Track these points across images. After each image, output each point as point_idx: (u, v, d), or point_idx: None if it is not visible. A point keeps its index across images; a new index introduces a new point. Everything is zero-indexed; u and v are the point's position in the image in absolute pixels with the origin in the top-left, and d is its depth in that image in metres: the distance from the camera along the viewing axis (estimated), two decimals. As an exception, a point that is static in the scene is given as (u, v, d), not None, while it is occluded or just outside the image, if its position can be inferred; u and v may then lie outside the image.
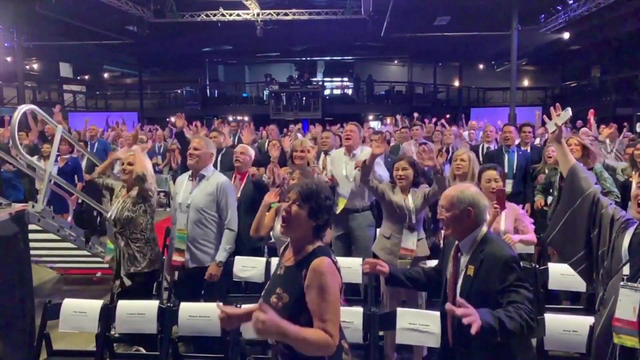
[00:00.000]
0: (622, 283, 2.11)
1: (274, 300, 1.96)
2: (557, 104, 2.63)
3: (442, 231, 2.46)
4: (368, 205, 4.52)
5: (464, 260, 2.33)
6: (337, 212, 4.43)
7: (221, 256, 3.76)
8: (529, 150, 5.79)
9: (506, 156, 5.61)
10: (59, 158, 6.49)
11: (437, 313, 2.87)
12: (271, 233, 3.94)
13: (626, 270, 2.13)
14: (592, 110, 7.49)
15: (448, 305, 2.04)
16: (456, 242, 2.41)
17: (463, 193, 2.37)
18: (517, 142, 5.79)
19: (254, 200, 4.23)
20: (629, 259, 2.13)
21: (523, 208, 5.22)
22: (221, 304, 2.12)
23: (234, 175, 4.53)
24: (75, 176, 6.88)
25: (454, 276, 2.36)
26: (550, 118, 2.61)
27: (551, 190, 4.85)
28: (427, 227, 3.95)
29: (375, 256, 3.71)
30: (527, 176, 5.46)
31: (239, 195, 4.30)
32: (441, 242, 3.85)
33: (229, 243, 3.79)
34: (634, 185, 2.27)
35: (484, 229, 2.37)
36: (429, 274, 2.72)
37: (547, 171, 5.12)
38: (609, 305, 2.16)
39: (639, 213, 2.15)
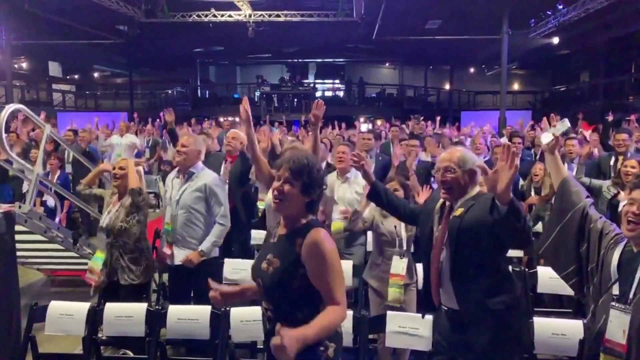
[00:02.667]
0: (612, 304, 2.09)
1: (265, 266, 1.96)
2: (552, 115, 2.57)
3: (442, 194, 2.41)
4: None
5: (454, 212, 2.35)
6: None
7: (205, 246, 3.68)
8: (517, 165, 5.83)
9: None
10: (49, 175, 6.41)
11: (428, 316, 2.87)
12: (263, 203, 3.91)
13: (615, 289, 2.09)
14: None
15: (503, 144, 2.06)
16: (441, 203, 2.43)
17: (466, 153, 2.40)
18: None
19: (241, 173, 4.42)
20: (618, 277, 2.10)
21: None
22: (214, 283, 2.14)
23: (224, 159, 4.74)
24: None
25: (444, 231, 2.36)
26: (546, 120, 2.57)
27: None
28: None
29: (366, 283, 3.68)
30: (516, 193, 5.50)
31: (228, 177, 4.51)
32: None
33: (216, 237, 3.73)
34: (624, 202, 2.21)
35: (477, 188, 2.38)
36: (410, 208, 2.82)
37: (533, 193, 5.15)
38: (599, 322, 2.13)
39: (629, 231, 2.10)
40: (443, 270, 2.36)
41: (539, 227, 5.09)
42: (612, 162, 5.18)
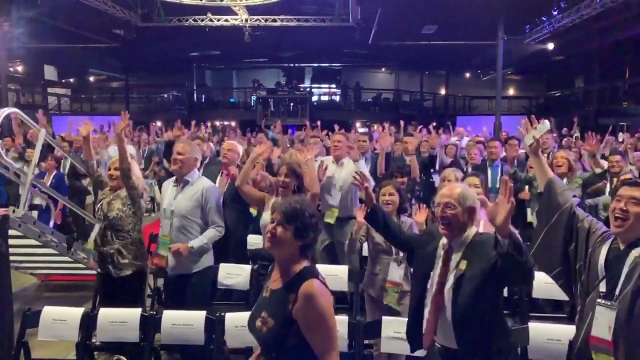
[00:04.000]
0: (598, 300, 2.09)
1: (259, 324, 1.92)
2: (533, 117, 2.58)
3: (440, 230, 2.39)
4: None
5: (455, 257, 2.33)
6: (331, 222, 4.53)
7: (195, 244, 3.58)
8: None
9: (490, 170, 5.46)
10: (46, 175, 6.39)
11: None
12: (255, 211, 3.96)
13: (602, 287, 2.10)
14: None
15: (502, 179, 2.12)
16: (443, 241, 2.40)
17: (467, 190, 2.38)
18: (502, 155, 5.74)
19: (238, 196, 4.25)
20: (605, 275, 2.11)
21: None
22: None
23: (220, 171, 4.65)
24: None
25: (444, 275, 2.34)
26: (528, 122, 2.57)
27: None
28: None
29: (362, 294, 3.67)
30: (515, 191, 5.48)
31: (224, 191, 4.42)
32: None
33: (208, 238, 3.64)
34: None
35: (475, 228, 2.38)
36: (406, 235, 2.81)
37: (527, 188, 5.17)
38: (586, 321, 2.14)
39: (616, 227, 2.11)
40: (443, 309, 2.32)
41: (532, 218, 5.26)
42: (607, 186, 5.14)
